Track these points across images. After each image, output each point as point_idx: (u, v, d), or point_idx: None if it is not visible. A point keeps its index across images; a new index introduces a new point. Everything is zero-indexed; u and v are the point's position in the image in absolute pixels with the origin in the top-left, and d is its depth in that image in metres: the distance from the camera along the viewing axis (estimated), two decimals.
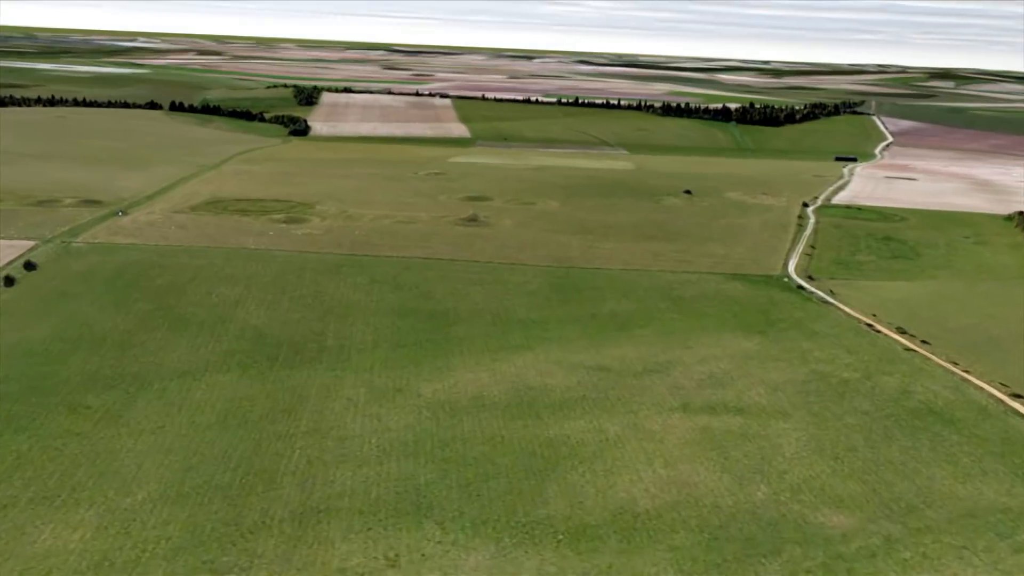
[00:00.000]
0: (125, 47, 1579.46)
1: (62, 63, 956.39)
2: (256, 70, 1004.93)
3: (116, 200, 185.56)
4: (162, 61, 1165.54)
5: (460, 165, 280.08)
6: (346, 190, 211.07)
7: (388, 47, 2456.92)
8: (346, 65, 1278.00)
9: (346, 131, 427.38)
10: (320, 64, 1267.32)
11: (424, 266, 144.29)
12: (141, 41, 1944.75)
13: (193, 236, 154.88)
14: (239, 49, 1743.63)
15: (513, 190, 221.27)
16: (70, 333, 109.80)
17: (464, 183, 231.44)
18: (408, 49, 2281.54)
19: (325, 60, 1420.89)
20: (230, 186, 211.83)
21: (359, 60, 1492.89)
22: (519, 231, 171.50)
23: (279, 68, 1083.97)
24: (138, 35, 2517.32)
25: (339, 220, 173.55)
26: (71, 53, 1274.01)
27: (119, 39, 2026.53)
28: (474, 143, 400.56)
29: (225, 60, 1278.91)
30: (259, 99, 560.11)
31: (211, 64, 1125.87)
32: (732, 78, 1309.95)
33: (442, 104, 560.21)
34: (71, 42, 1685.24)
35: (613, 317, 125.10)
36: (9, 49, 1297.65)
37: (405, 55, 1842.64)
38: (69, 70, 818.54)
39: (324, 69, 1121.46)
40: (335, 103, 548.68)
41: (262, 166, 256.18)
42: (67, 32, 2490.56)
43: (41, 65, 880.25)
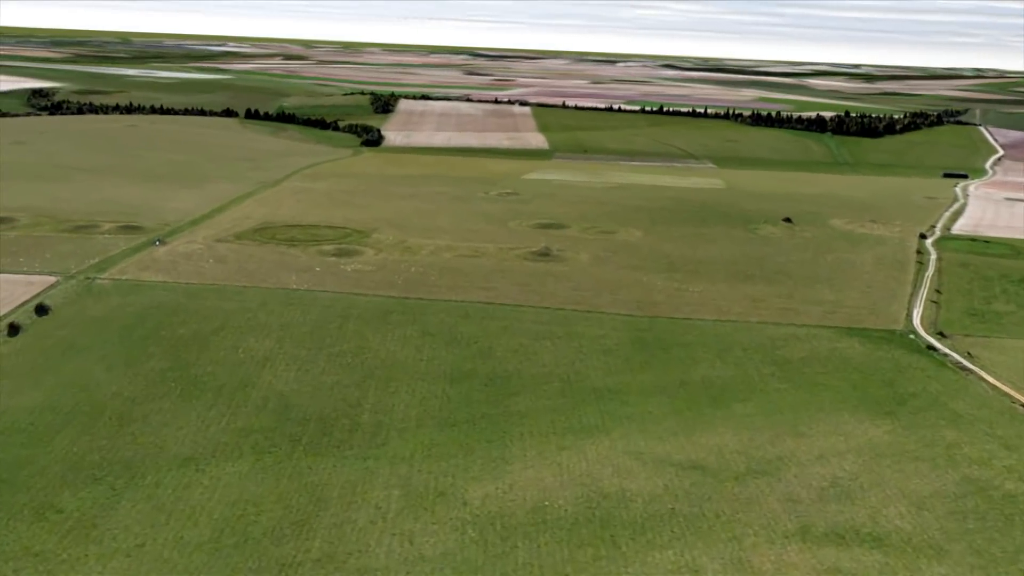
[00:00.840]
0: (215, 52, 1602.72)
1: (150, 68, 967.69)
2: (338, 75, 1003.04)
3: (159, 225, 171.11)
4: (247, 66, 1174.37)
5: (535, 183, 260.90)
6: (407, 214, 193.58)
7: (472, 51, 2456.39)
8: (428, 70, 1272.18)
9: (420, 141, 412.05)
10: (402, 69, 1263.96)
11: (486, 313, 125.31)
12: (231, 46, 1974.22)
13: (231, 272, 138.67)
14: (324, 54, 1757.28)
15: (591, 215, 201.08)
16: (65, 401, 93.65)
17: (537, 206, 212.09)
18: (491, 53, 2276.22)
19: (407, 65, 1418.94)
20: (285, 208, 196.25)
21: (441, 65, 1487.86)
22: (597, 268, 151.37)
23: (361, 73, 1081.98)
24: (229, 40, 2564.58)
25: (395, 252, 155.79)
26: (162, 58, 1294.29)
27: (211, 44, 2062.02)
28: (552, 155, 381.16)
29: (309, 65, 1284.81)
30: (336, 106, 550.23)
31: (294, 69, 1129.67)
32: (821, 83, 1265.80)
33: (521, 112, 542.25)
34: (164, 47, 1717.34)
35: (707, 386, 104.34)
36: (104, 54, 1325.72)
37: (488, 59, 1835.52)
38: (154, 76, 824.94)
39: (405, 74, 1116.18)
40: (411, 111, 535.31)
41: (324, 183, 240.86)
42: (161, 37, 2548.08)
43: (128, 71, 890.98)
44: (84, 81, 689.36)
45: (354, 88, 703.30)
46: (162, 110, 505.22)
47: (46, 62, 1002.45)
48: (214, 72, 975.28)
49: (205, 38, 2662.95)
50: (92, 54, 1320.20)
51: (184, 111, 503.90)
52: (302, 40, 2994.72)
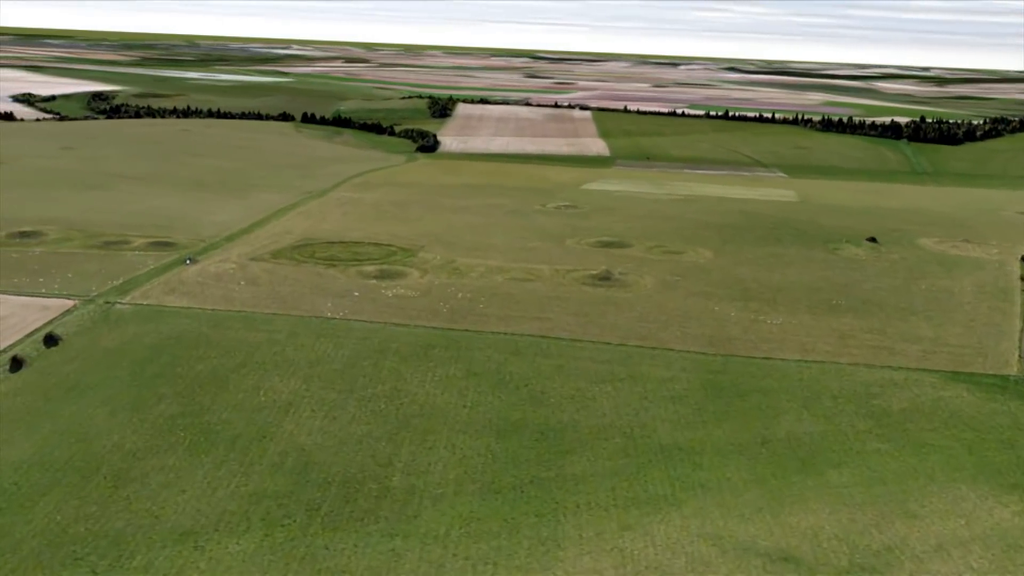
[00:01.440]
0: (278, 55, 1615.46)
1: (212, 71, 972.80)
2: (397, 78, 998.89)
3: (193, 241, 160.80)
4: (308, 69, 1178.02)
5: (595, 194, 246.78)
6: (459, 230, 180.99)
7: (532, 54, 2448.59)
8: (488, 73, 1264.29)
9: (477, 147, 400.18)
10: (462, 72, 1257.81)
11: (539, 349, 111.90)
12: (295, 49, 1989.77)
13: (262, 296, 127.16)
14: (385, 56, 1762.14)
15: (656, 231, 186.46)
16: (59, 455, 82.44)
17: (598, 221, 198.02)
18: (552, 56, 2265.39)
19: (467, 68, 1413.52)
20: (329, 222, 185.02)
21: (501, 68, 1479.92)
22: (663, 295, 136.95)
23: (420, 76, 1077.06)
24: (292, 43, 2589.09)
25: (442, 275, 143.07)
26: (226, 61, 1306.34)
27: (274, 47, 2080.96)
28: (613, 163, 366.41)
29: (369, 68, 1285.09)
30: (393, 110, 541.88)
31: (354, 72, 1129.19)
32: (891, 86, 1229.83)
33: (581, 117, 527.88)
34: (229, 50, 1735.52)
35: (793, 445, 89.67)
36: (170, 57, 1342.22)
37: (549, 62, 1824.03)
38: (214, 79, 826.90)
39: (465, 77, 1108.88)
40: (469, 115, 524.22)
41: (374, 193, 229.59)
42: (227, 40, 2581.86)
43: (190, 74, 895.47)
44: (145, 84, 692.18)
45: (412, 91, 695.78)
46: (218, 114, 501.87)
47: (112, 65, 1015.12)
48: (274, 75, 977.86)
49: (269, 41, 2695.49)
50: (158, 57, 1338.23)
51: (241, 115, 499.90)
52: (364, 43, 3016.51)
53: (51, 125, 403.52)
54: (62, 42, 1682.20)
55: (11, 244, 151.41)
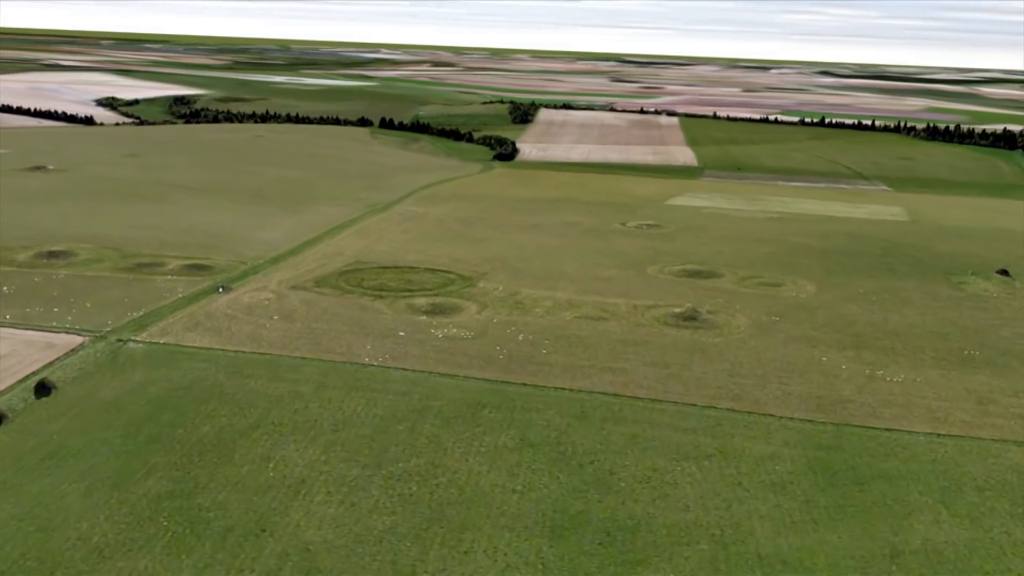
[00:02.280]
0: (366, 59, 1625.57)
1: (298, 75, 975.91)
2: (481, 82, 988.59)
3: (235, 263, 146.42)
4: (394, 73, 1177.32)
5: (681, 211, 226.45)
6: (528, 252, 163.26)
7: (620, 58, 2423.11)
8: (573, 77, 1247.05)
9: (557, 156, 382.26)
10: (547, 76, 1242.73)
11: (609, 411, 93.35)
12: (384, 53, 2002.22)
13: (294, 335, 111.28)
14: (472, 60, 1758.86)
15: (749, 257, 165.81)
16: (11, 549, 67.19)
17: (684, 243, 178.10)
18: (639, 60, 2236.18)
19: (553, 72, 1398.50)
20: (387, 241, 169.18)
21: (588, 72, 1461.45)
22: (759, 340, 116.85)
23: (505, 80, 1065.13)
24: (381, 47, 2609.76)
25: (502, 310, 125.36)
26: (315, 64, 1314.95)
27: (364, 51, 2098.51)
28: (701, 173, 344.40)
29: (455, 72, 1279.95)
30: (473, 116, 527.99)
31: (439, 76, 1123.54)
32: (996, 92, 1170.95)
33: (668, 123, 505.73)
34: (318, 54, 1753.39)
35: (933, 560, 69.47)
36: (261, 61, 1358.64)
37: (636, 66, 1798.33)
38: (299, 83, 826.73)
39: (550, 81, 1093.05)
40: (551, 121, 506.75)
41: (440, 208, 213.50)
42: (319, 44, 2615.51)
43: (276, 78, 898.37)
44: (229, 88, 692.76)
45: (495, 96, 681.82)
46: (297, 118, 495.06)
47: (203, 69, 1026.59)
48: (359, 79, 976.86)
49: (359, 45, 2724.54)
50: (249, 61, 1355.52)
51: (319, 120, 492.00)
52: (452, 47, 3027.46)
53: (125, 130, 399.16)
54: (159, 46, 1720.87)
55: (37, 265, 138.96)
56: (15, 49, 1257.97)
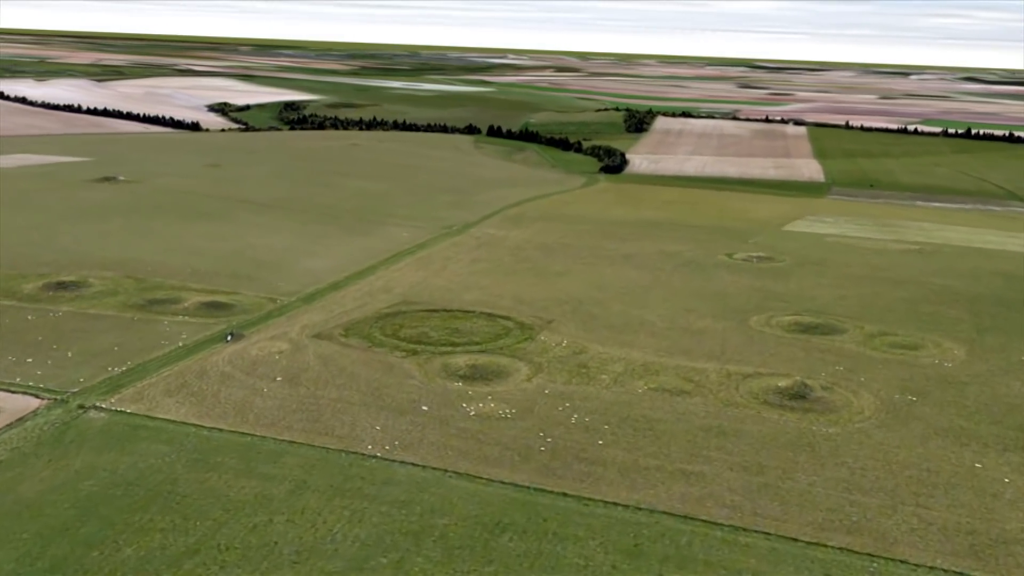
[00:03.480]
0: (492, 64, 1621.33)
1: (418, 81, 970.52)
2: (602, 88, 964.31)
3: (263, 299, 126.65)
4: (514, 79, 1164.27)
5: (801, 238, 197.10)
6: (610, 292, 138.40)
7: (750, 63, 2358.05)
8: (699, 83, 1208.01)
9: (669, 169, 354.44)
10: (672, 82, 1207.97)
11: (675, 544, 68.12)
12: (510, 58, 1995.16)
13: (293, 407, 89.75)
14: (597, 66, 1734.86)
15: (880, 305, 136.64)
16: None
17: (800, 282, 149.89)
18: (770, 65, 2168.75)
19: (679, 77, 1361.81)
20: (448, 274, 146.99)
21: (715, 77, 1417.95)
22: (888, 434, 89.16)
23: (627, 86, 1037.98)
24: (508, 52, 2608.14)
25: (560, 375, 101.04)
26: (440, 70, 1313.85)
27: (490, 56, 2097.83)
28: (828, 190, 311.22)
29: (577, 78, 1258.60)
30: (585, 124, 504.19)
31: (559, 82, 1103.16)
32: None
33: (795, 133, 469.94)
34: (446, 59, 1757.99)
35: None
36: (388, 67, 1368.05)
37: (766, 71, 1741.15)
38: (416, 88, 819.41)
39: (674, 87, 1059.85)
40: (668, 130, 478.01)
41: (523, 230, 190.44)
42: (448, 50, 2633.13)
43: (394, 83, 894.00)
44: (344, 94, 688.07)
45: (614, 103, 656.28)
46: (404, 125, 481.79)
47: (328, 74, 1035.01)
48: (478, 84, 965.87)
49: (487, 51, 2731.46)
50: (376, 66, 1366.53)
51: (426, 127, 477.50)
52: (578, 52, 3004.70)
53: (222, 137, 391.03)
54: (294, 52, 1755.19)
55: (40, 299, 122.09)
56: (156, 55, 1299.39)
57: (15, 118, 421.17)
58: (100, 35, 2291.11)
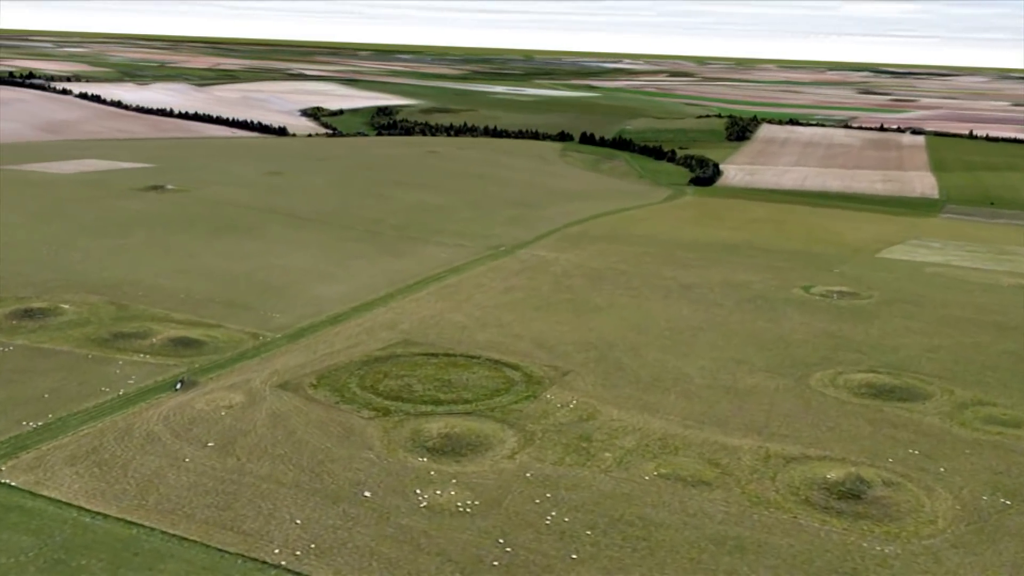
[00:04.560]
0: (604, 69, 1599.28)
1: (524, 86, 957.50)
2: (713, 94, 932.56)
3: (244, 335, 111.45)
4: (622, 83, 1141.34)
5: (897, 268, 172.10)
6: (650, 334, 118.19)
7: (875, 67, 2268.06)
8: (817, 88, 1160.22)
9: (765, 181, 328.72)
10: (788, 87, 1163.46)
11: None
12: (625, 63, 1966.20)
13: (207, 487, 73.50)
14: (713, 71, 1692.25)
15: (978, 360, 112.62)
16: None
17: (883, 327, 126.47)
18: (896, 70, 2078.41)
19: (795, 83, 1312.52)
20: (470, 306, 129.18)
21: (834, 83, 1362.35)
22: (968, 558, 67.09)
23: (739, 92, 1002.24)
24: (624, 57, 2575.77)
25: (553, 450, 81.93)
26: (550, 75, 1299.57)
27: (605, 61, 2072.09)
28: (941, 208, 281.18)
29: (689, 83, 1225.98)
30: (683, 131, 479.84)
31: (668, 87, 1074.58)
32: None
33: (911, 143, 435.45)
34: (559, 64, 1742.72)
35: None
36: (498, 71, 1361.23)
37: (891, 76, 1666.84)
38: (517, 93, 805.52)
39: (789, 93, 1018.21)
40: (771, 139, 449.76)
41: (580, 252, 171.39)
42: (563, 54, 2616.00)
43: (497, 88, 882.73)
44: (442, 99, 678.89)
45: (722, 109, 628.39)
46: (494, 132, 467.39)
47: (434, 79, 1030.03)
48: (584, 90, 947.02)
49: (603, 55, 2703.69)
50: (486, 71, 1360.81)
51: (516, 133, 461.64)
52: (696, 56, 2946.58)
53: (302, 142, 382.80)
54: (410, 57, 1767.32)
55: (2, 329, 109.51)
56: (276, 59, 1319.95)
57: (106, 122, 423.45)
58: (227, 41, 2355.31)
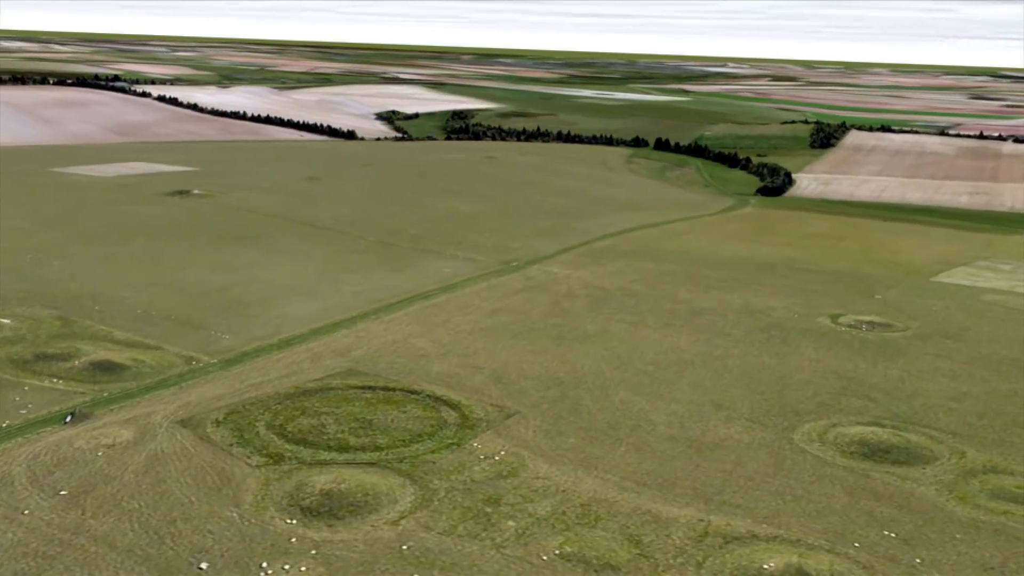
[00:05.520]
0: (707, 73, 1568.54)
1: (616, 90, 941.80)
2: (810, 99, 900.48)
3: (180, 357, 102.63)
4: (720, 88, 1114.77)
5: (948, 295, 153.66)
6: (629, 371, 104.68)
7: (994, 72, 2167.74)
8: (925, 94, 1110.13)
9: (839, 191, 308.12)
10: (894, 92, 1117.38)
11: None
12: (729, 67, 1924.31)
13: (21, 551, 64.09)
14: (819, 75, 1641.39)
15: (1008, 412, 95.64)
16: None
17: (907, 366, 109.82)
18: (1016, 74, 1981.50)
19: (902, 87, 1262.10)
20: (443, 331, 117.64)
21: (945, 87, 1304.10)
22: None
23: (840, 97, 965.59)
24: (729, 61, 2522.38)
25: (450, 515, 69.83)
26: (648, 79, 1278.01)
27: (708, 65, 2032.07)
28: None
29: (790, 87, 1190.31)
30: (764, 138, 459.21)
31: (766, 91, 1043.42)
32: None
33: (1011, 152, 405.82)
34: (660, 68, 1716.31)
35: None
36: (596, 75, 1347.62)
37: (1012, 81, 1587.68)
38: (604, 97, 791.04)
39: (894, 99, 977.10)
40: (858, 146, 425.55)
41: (594, 270, 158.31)
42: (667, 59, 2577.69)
43: (584, 92, 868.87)
44: (524, 103, 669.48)
45: (816, 114, 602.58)
46: (567, 136, 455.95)
47: (527, 83, 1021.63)
48: (676, 94, 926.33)
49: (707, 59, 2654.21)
50: (584, 75, 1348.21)
51: (589, 139, 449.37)
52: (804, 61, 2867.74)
53: (360, 146, 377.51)
54: (512, 61, 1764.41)
55: None
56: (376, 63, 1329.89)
57: (178, 124, 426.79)
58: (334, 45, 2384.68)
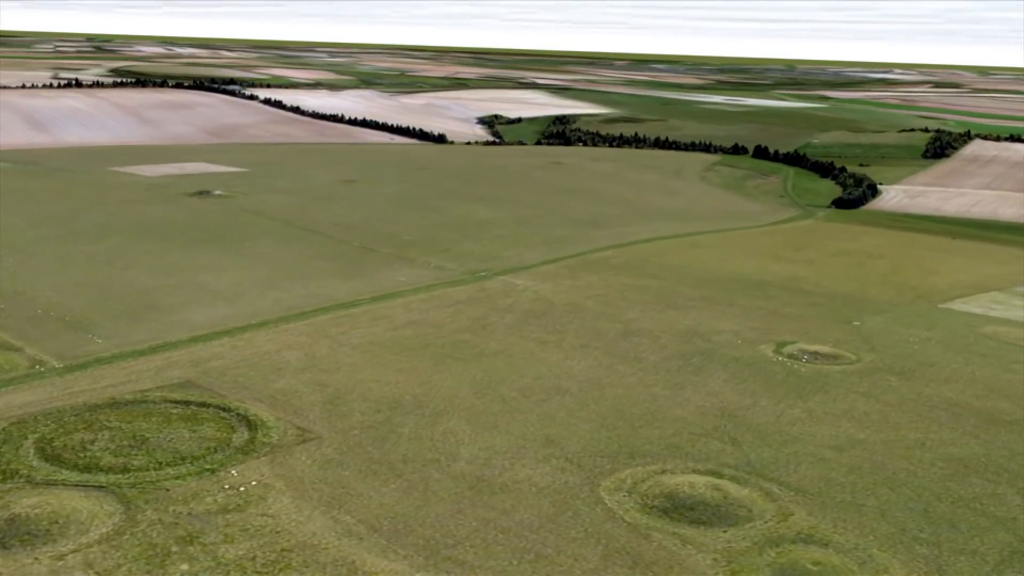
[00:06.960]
0: (867, 79, 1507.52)
1: (758, 97, 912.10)
2: (960, 106, 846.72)
3: (28, 361, 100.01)
4: (867, 95, 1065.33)
5: (945, 323, 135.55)
6: (487, 398, 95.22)
7: None
8: None
9: (926, 205, 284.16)
10: None
11: None
12: (896, 73, 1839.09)
13: None
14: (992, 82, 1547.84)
15: (888, 472, 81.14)
16: None
17: (820, 406, 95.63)
18: None
19: None
20: (324, 345, 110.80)
21: None
22: None
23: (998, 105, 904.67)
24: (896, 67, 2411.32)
25: (135, 550, 63.05)
26: (799, 85, 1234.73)
27: (873, 71, 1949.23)
28: None
29: (948, 94, 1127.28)
30: (875, 146, 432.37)
31: (913, 99, 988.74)
32: None
33: None
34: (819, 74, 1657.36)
35: None
36: (745, 81, 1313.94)
37: None
38: (730, 103, 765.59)
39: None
40: (976, 156, 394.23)
41: (559, 283, 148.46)
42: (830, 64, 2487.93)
43: (714, 98, 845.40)
44: (636, 108, 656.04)
45: (956, 123, 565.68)
46: (664, 143, 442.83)
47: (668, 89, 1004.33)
48: (813, 100, 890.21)
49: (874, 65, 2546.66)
50: (733, 80, 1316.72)
51: (687, 145, 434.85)
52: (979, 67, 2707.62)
53: (435, 150, 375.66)
54: (664, 66, 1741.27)
55: None
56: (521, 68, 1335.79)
57: (274, 126, 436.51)
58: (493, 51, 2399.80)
